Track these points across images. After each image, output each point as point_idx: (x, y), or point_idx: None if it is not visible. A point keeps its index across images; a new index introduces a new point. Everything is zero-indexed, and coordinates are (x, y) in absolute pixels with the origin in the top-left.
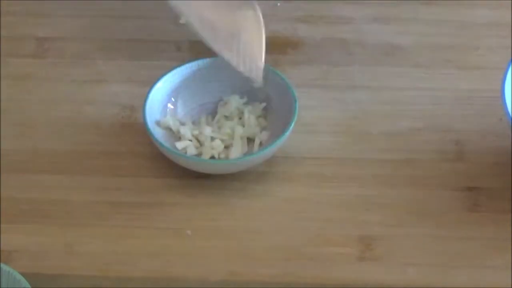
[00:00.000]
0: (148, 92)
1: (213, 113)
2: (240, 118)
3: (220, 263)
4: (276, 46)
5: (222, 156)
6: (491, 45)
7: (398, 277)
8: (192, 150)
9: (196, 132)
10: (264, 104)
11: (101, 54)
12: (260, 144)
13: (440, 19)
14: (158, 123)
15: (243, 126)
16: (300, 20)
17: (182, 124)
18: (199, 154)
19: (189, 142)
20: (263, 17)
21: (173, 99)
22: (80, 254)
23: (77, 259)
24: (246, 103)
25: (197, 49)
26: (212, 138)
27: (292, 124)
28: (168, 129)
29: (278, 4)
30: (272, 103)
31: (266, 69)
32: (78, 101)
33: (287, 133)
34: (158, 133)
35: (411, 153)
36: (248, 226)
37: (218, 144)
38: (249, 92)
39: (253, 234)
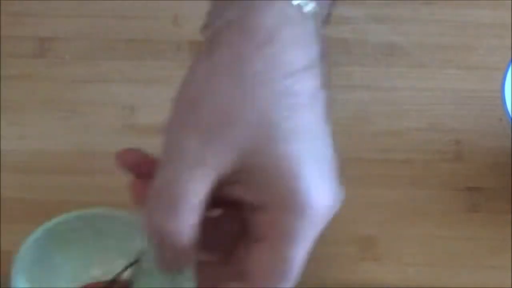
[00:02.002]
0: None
1: None
2: None
3: None
4: None
5: None
6: (491, 45)
7: (398, 277)
8: None
9: None
10: None
11: (101, 54)
12: None
13: (440, 19)
14: None
15: None
16: None
17: None
18: None
19: None
20: None
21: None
22: None
23: None
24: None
25: (197, 49)
26: None
27: None
28: None
29: None
30: None
31: None
32: (78, 101)
33: None
34: None
35: (411, 153)
36: None
37: None
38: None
39: None
